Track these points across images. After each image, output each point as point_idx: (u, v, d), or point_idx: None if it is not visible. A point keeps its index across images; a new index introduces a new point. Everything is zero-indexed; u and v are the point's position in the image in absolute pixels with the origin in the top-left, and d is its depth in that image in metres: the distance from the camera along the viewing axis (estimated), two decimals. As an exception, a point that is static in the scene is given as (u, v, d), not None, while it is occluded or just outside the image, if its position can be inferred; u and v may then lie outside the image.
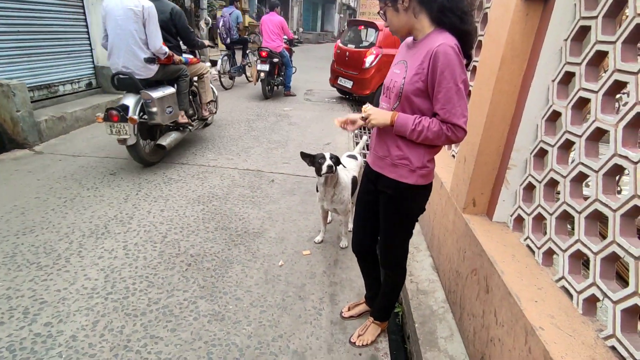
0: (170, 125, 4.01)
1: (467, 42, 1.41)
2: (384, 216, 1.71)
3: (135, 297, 2.12)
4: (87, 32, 5.49)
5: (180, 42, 4.09)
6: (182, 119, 4.04)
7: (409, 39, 1.56)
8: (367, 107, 1.58)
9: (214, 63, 11.03)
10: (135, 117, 3.37)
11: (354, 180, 2.64)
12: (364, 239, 1.91)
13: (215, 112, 5.08)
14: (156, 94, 3.51)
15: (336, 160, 2.29)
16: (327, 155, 2.26)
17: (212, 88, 4.80)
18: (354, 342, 1.96)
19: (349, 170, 2.67)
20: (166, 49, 3.53)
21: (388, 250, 1.78)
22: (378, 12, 1.57)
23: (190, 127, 4.29)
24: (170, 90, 3.77)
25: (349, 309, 2.18)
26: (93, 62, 5.69)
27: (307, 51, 17.92)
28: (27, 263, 2.32)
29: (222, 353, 1.81)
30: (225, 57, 8.26)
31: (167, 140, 3.84)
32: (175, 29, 3.87)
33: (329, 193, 2.45)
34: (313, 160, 2.29)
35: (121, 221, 2.87)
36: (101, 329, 1.89)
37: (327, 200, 2.49)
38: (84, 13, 5.37)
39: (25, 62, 4.54)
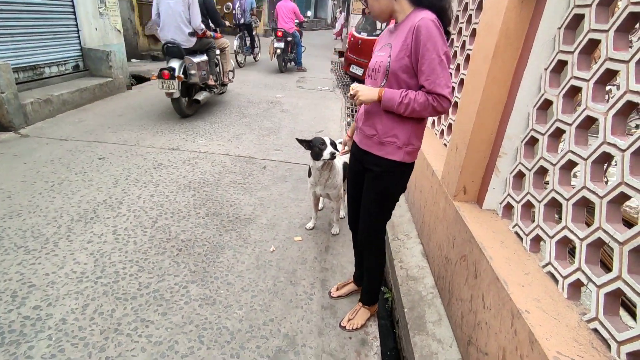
0: (202, 86, 5.12)
1: (444, 19, 1.48)
2: (367, 193, 1.78)
3: (126, 281, 2.11)
4: (74, 12, 5.33)
5: (209, 21, 5.17)
6: (211, 81, 5.13)
7: (392, 25, 1.63)
8: (355, 85, 1.63)
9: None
10: (181, 75, 4.46)
11: (345, 166, 2.65)
12: (354, 216, 2.01)
13: (232, 81, 6.23)
14: (195, 59, 4.65)
15: (335, 146, 2.28)
16: (328, 141, 2.25)
17: (231, 60, 6.00)
18: (344, 326, 2.00)
19: (340, 157, 2.66)
20: (203, 26, 4.65)
21: (366, 227, 1.84)
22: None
23: (215, 90, 5.41)
24: (204, 57, 4.89)
25: (337, 289, 2.24)
26: (80, 43, 5.54)
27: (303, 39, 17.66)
28: (14, 247, 2.29)
29: (213, 336, 1.83)
30: (239, 38, 9.23)
31: (201, 96, 5.02)
32: (207, 11, 4.98)
33: (324, 177, 2.45)
34: (311, 145, 2.27)
35: (110, 206, 2.83)
36: (91, 312, 1.89)
37: (320, 185, 2.49)
38: (70, -8, 5.21)
39: (9, 42, 4.40)
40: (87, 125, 4.45)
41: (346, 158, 2.71)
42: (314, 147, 2.25)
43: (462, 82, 2.58)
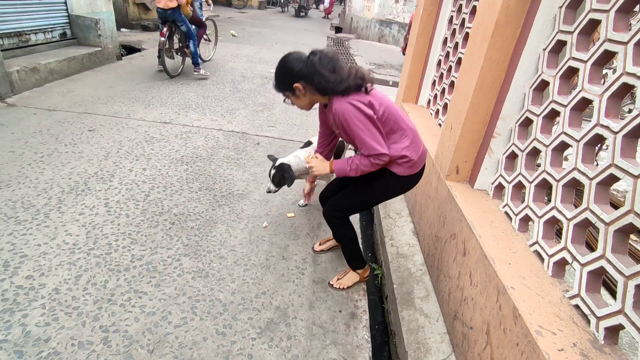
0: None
1: (353, 87, 1.62)
2: (356, 186, 1.92)
3: (118, 253, 2.12)
4: (60, -23, 5.10)
5: None
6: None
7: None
8: (311, 158, 1.92)
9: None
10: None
11: (341, 145, 2.64)
12: (327, 193, 2.23)
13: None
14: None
15: (280, 179, 2.34)
16: (271, 174, 2.35)
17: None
18: (332, 284, 2.14)
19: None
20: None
21: (335, 202, 1.98)
22: (284, 101, 1.81)
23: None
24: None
25: (320, 244, 2.41)
26: (67, 9, 5.33)
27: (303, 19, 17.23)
28: (4, 217, 2.27)
29: (206, 307, 1.86)
30: None
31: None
32: None
33: (303, 178, 2.59)
34: (270, 169, 2.40)
35: (102, 178, 2.81)
36: (84, 283, 1.90)
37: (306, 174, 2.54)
38: (56, -46, 4.96)
39: (-8, 6, 4.21)
40: (76, 96, 4.34)
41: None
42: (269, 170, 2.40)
43: (459, 61, 2.56)
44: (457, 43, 2.66)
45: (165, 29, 5.08)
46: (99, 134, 3.51)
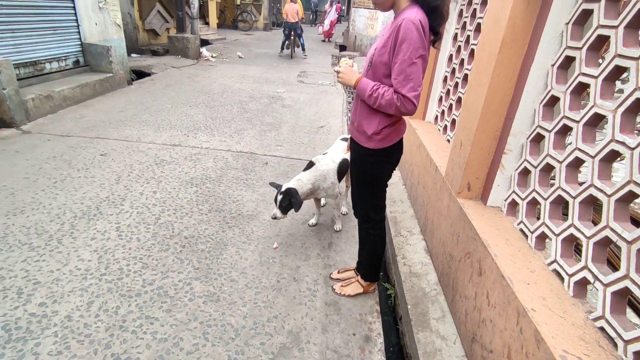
0: None
1: (436, 18, 1.52)
2: (354, 178, 1.93)
3: (130, 278, 2.12)
4: (73, 7, 5.29)
5: None
6: None
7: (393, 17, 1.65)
8: (343, 63, 1.74)
9: (205, 42, 10.80)
10: None
11: (345, 162, 2.63)
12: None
13: None
14: None
15: (287, 204, 2.31)
16: (278, 200, 2.32)
17: None
18: (335, 289, 2.17)
19: (339, 153, 2.65)
20: None
21: (355, 203, 1.99)
22: None
23: None
24: None
25: (338, 272, 2.33)
26: (80, 38, 5.51)
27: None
28: (18, 244, 2.29)
29: (217, 333, 1.83)
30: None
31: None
32: None
33: (308, 199, 2.56)
34: (276, 195, 2.37)
35: (113, 202, 2.83)
36: (96, 309, 1.89)
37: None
38: (70, -13, 5.17)
39: (9, 38, 4.37)
40: (88, 121, 4.44)
41: (347, 155, 2.71)
42: (275, 197, 2.37)
43: (465, 77, 2.56)
44: (462, 60, 2.67)
45: (289, 33, 10.64)
46: (110, 158, 3.56)
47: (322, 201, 3.03)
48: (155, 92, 6.00)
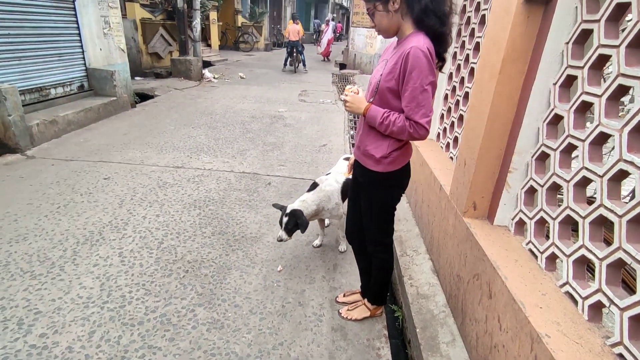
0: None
1: (442, 44, 1.53)
2: (362, 202, 1.88)
3: (132, 305, 2.08)
4: (79, 34, 5.41)
5: None
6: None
7: (396, 40, 1.65)
8: (349, 91, 1.70)
9: (207, 64, 10.99)
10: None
11: (348, 182, 2.61)
12: (352, 226, 2.05)
13: None
14: None
15: (293, 225, 2.29)
16: (283, 222, 2.30)
17: None
18: (341, 314, 2.13)
19: (342, 174, 2.64)
20: None
21: (367, 230, 1.93)
22: (367, 11, 1.61)
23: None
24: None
25: (344, 295, 2.29)
26: (85, 64, 5.61)
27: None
28: (20, 272, 2.27)
29: (222, 362, 1.78)
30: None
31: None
32: None
33: (312, 220, 2.52)
34: (281, 217, 2.36)
35: (116, 227, 2.82)
36: (98, 339, 1.85)
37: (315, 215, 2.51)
38: (75, 15, 5.29)
39: (16, 65, 4.46)
40: (92, 145, 4.48)
41: (350, 175, 2.70)
42: (281, 219, 2.35)
43: (466, 95, 2.57)
44: (462, 78, 2.69)
45: (292, 50, 11.64)
46: (113, 181, 3.57)
47: (326, 222, 3.00)
48: (158, 114, 6.07)
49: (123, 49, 6.38)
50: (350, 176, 2.07)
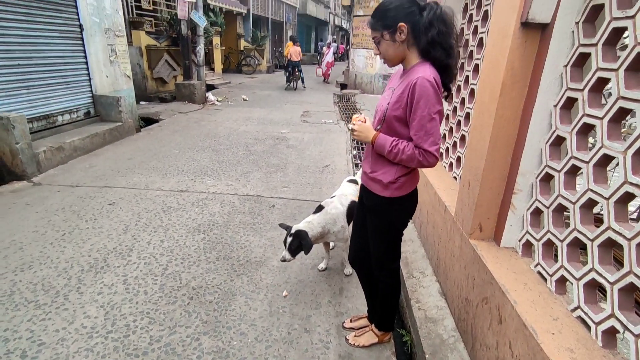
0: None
1: (448, 75, 1.57)
2: (368, 228, 1.88)
3: (137, 335, 2.06)
4: (86, 62, 5.55)
5: None
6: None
7: (402, 68, 1.68)
8: (356, 119, 1.72)
9: (210, 87, 11.19)
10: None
11: (353, 205, 2.61)
12: (357, 251, 2.03)
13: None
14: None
15: (297, 246, 2.29)
16: (287, 242, 2.30)
17: None
18: (348, 340, 2.08)
19: (347, 196, 2.65)
20: None
21: (374, 256, 1.91)
22: (373, 39, 1.62)
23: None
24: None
25: (351, 321, 2.26)
26: (91, 90, 5.73)
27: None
28: (25, 302, 2.26)
29: (227, 394, 1.74)
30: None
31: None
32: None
33: (317, 242, 2.51)
34: (285, 237, 2.35)
35: (120, 254, 2.81)
36: (101, 371, 1.82)
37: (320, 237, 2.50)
38: (83, 44, 5.44)
39: (24, 94, 4.57)
40: (97, 171, 4.52)
41: (354, 197, 2.69)
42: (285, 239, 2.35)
43: (467, 115, 2.59)
44: (463, 98, 2.71)
45: (291, 69, 12.79)
46: (118, 207, 3.58)
47: (331, 244, 2.99)
48: (163, 138, 6.14)
49: (129, 75, 6.52)
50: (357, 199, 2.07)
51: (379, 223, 1.81)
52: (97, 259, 2.73)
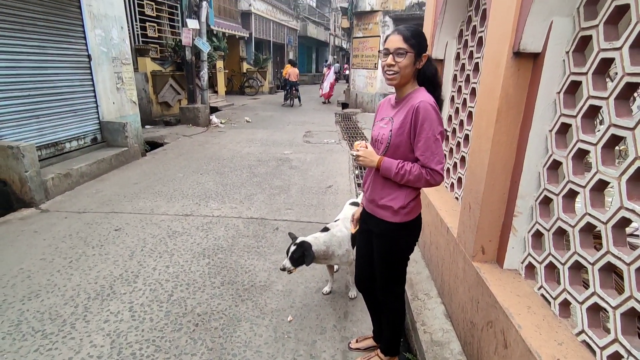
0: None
1: (437, 91, 1.69)
2: (375, 253, 1.89)
3: (142, 364, 2.06)
4: (94, 90, 5.70)
5: None
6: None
7: (392, 99, 1.79)
8: (359, 146, 1.76)
9: (214, 109, 11.38)
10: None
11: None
12: (362, 275, 2.06)
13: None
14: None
15: (299, 256, 2.31)
16: (290, 250, 2.33)
17: None
18: None
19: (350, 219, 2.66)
20: None
21: (380, 280, 1.93)
22: (394, 51, 1.60)
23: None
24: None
25: (357, 341, 2.27)
26: (98, 117, 5.86)
27: (304, 92, 18.37)
28: (32, 331, 2.27)
29: None
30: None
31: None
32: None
33: (321, 263, 2.52)
34: (289, 246, 2.39)
35: (127, 280, 2.83)
36: (107, 402, 1.82)
37: (324, 259, 2.51)
38: (91, 73, 5.60)
39: (34, 122, 4.69)
40: (104, 196, 4.58)
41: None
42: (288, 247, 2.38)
43: (467, 137, 2.63)
44: (461, 120, 2.77)
45: (289, 88, 14.36)
46: (124, 232, 3.62)
47: (335, 267, 2.99)
48: (168, 162, 6.23)
49: (135, 101, 6.67)
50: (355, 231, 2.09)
51: (388, 249, 1.83)
52: (104, 286, 2.75)
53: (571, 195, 1.51)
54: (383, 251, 1.86)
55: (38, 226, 3.70)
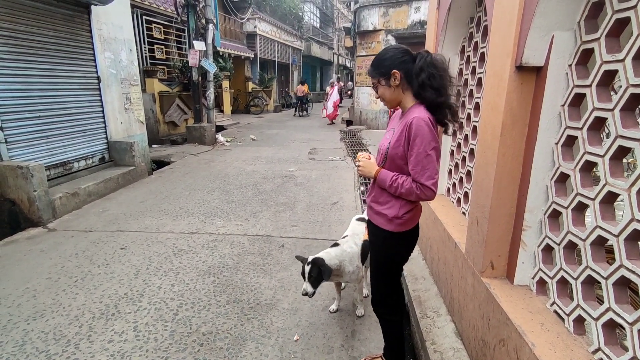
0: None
1: (442, 112, 1.69)
2: (370, 259, 1.97)
3: (146, 385, 2.02)
4: (102, 111, 5.80)
5: None
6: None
7: (401, 111, 1.83)
8: (361, 156, 1.87)
9: (220, 128, 11.52)
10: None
11: (366, 245, 2.61)
12: None
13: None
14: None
15: (317, 274, 2.26)
16: (306, 272, 2.26)
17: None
18: None
19: (359, 235, 2.64)
20: None
21: (374, 289, 1.97)
22: (373, 87, 1.81)
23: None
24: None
25: None
26: (106, 137, 5.95)
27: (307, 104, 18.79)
28: (36, 352, 2.25)
29: None
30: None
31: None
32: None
33: (330, 280, 2.47)
34: (302, 268, 2.33)
35: (131, 299, 2.81)
36: None
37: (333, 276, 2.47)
38: (100, 94, 5.72)
39: (43, 143, 4.77)
40: (110, 215, 4.60)
41: (366, 236, 2.69)
42: (302, 269, 2.32)
43: (472, 151, 2.63)
44: (466, 135, 2.77)
45: (299, 103, 18.24)
46: (130, 251, 3.61)
47: (343, 284, 2.95)
48: (174, 180, 6.27)
49: (142, 121, 6.78)
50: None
51: (379, 257, 1.88)
52: (109, 305, 2.73)
53: (580, 208, 1.49)
54: (373, 258, 1.93)
55: (45, 245, 3.71)
